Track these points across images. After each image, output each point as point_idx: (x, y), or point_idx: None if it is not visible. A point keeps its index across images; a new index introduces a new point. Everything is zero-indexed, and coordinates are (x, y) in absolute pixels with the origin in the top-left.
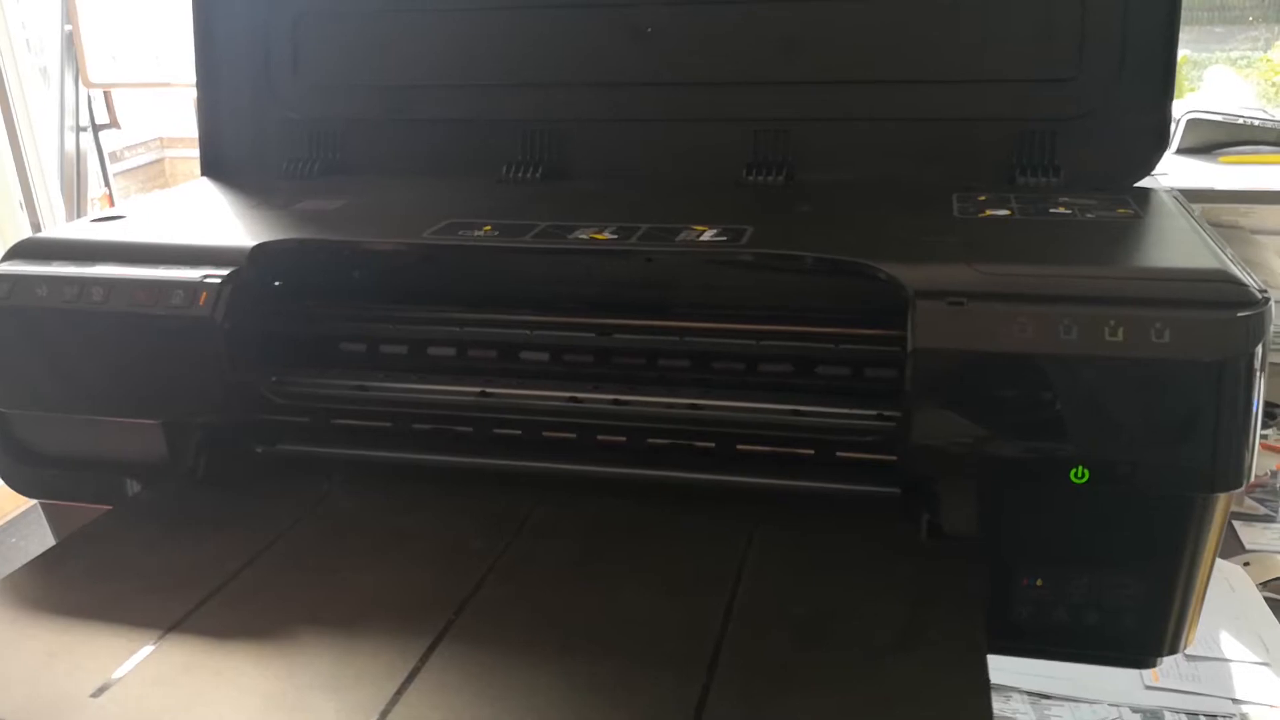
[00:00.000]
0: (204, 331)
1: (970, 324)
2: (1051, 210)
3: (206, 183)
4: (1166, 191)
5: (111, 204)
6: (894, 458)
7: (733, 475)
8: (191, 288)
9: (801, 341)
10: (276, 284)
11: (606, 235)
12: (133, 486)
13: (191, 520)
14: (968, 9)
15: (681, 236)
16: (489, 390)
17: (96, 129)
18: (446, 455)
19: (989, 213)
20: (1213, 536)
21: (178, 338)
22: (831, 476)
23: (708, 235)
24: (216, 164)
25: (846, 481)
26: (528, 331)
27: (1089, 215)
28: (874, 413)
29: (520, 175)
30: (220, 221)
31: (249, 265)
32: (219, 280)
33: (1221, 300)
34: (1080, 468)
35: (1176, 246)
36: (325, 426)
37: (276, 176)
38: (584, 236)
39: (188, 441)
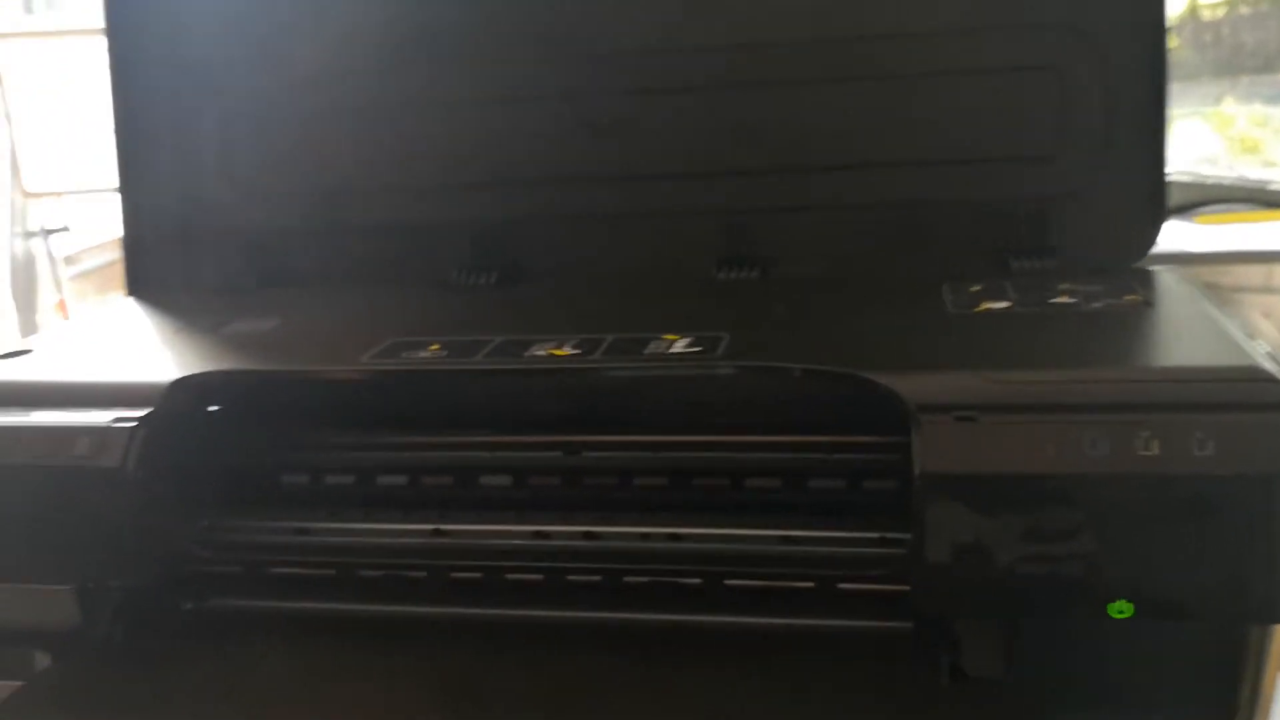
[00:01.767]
0: (114, 484)
1: (983, 442)
2: (1053, 300)
3: (131, 304)
4: (1169, 271)
5: (64, 311)
6: (903, 588)
7: (722, 615)
8: (98, 435)
9: (790, 453)
10: (212, 409)
11: (568, 350)
12: (42, 659)
13: (104, 701)
14: (941, 88)
15: (651, 348)
16: (443, 528)
17: (47, 234)
18: (396, 605)
19: (985, 305)
20: (1273, 670)
21: (85, 492)
22: (835, 612)
23: (680, 345)
24: (143, 282)
25: (852, 616)
26: (487, 453)
27: (1095, 304)
28: (876, 535)
29: (472, 281)
30: (139, 351)
31: (165, 403)
32: (131, 424)
33: (1266, 402)
34: (1121, 602)
35: (1199, 338)
36: (262, 577)
37: (209, 293)
38: (542, 353)
39: (103, 607)
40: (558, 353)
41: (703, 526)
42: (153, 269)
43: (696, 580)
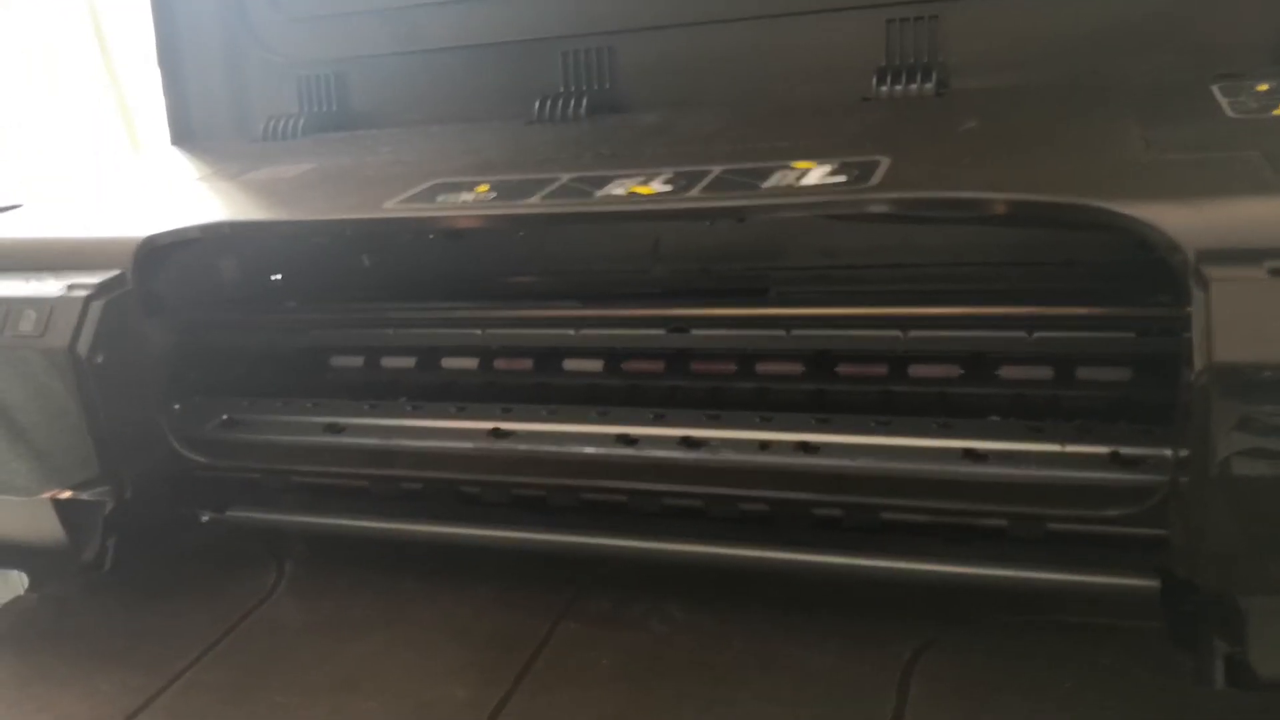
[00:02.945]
0: (60, 368)
1: None
2: None
3: (172, 153)
4: None
5: None
6: (1154, 532)
7: (873, 559)
8: (44, 307)
9: (972, 330)
10: (276, 278)
11: (655, 188)
12: (18, 584)
13: (83, 640)
14: None
15: (773, 181)
16: (503, 427)
17: None
18: (442, 526)
19: None
20: None
21: (33, 378)
22: (1039, 562)
23: (816, 176)
24: (187, 130)
25: (1065, 569)
26: (558, 331)
27: None
28: (1105, 451)
29: (558, 112)
30: (139, 204)
31: (138, 266)
32: (86, 293)
33: None
34: None
35: None
36: (282, 485)
37: (256, 139)
38: (619, 192)
39: (90, 522)
40: (641, 190)
41: (849, 433)
42: (196, 116)
43: (837, 511)
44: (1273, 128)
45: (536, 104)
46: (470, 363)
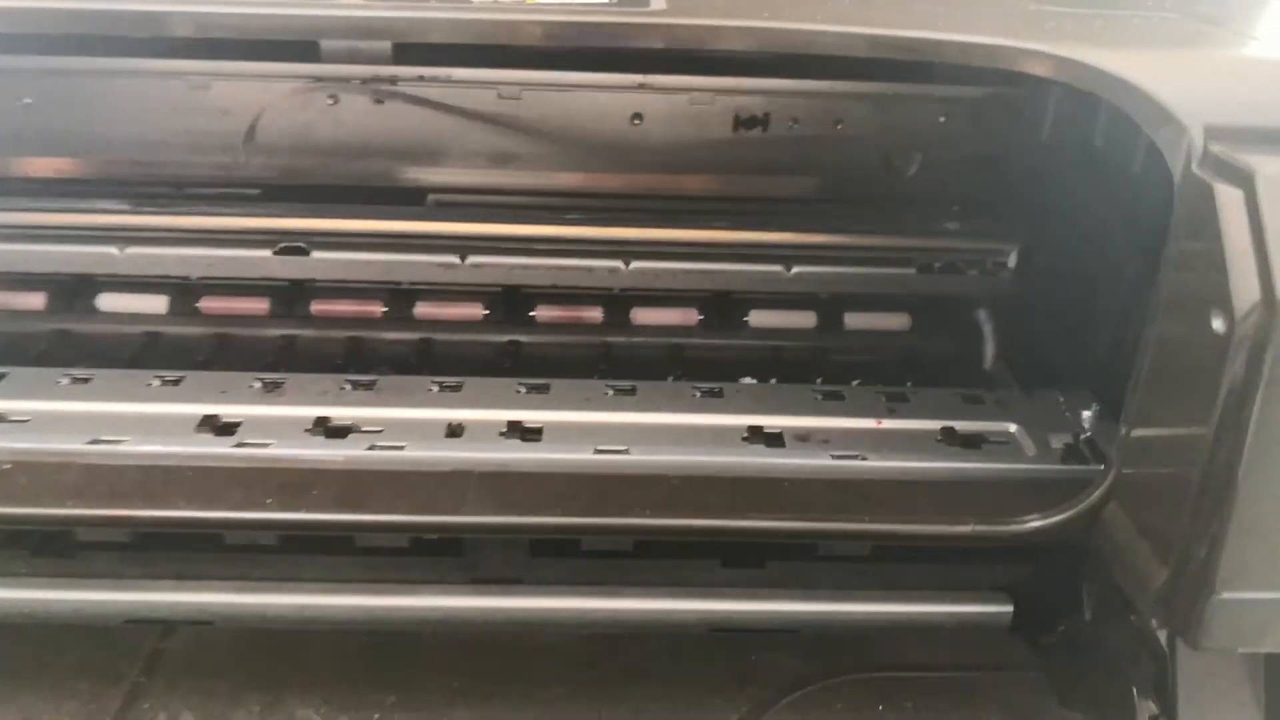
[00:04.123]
0: None
1: None
2: None
3: None
4: None
5: None
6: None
7: (632, 600)
8: None
9: (715, 262)
10: None
11: None
12: None
13: None
14: None
15: None
16: None
17: None
18: None
19: None
20: None
21: None
22: (866, 586)
23: None
24: None
25: (902, 598)
26: (114, 250)
27: None
28: (936, 426)
29: None
30: None
31: None
32: None
33: None
34: None
35: None
36: None
37: None
38: None
39: None
40: None
41: (579, 408)
42: None
43: (572, 534)
44: None
45: None
46: None
